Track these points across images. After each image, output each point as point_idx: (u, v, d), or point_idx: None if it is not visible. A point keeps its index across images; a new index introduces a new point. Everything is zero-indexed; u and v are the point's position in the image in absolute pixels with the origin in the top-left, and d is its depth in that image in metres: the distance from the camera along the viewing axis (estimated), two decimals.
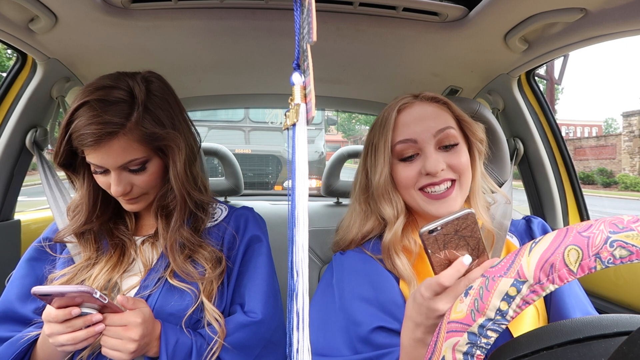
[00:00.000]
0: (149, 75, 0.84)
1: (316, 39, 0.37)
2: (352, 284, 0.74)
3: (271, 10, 1.00)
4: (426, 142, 0.76)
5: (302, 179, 0.38)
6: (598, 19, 0.89)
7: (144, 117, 0.77)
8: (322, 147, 6.68)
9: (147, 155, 0.80)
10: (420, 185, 0.76)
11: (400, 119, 0.78)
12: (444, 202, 0.74)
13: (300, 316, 0.37)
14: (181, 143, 0.83)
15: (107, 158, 0.76)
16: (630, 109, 18.21)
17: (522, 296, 0.43)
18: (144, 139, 0.77)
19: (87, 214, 0.86)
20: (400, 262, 0.75)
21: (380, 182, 0.78)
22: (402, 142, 0.77)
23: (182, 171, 0.82)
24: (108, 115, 0.74)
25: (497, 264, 0.47)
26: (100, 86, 0.77)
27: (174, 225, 0.84)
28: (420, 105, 0.79)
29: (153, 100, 0.80)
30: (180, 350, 0.76)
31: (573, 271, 0.43)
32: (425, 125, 0.76)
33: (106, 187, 0.81)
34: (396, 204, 0.78)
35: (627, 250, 0.42)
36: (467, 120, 0.81)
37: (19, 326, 0.81)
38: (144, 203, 0.85)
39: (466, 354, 0.44)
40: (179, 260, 0.82)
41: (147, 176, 0.81)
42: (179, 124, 0.84)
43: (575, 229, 0.44)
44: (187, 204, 0.85)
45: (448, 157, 0.76)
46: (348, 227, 0.86)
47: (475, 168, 0.82)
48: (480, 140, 0.82)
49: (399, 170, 0.78)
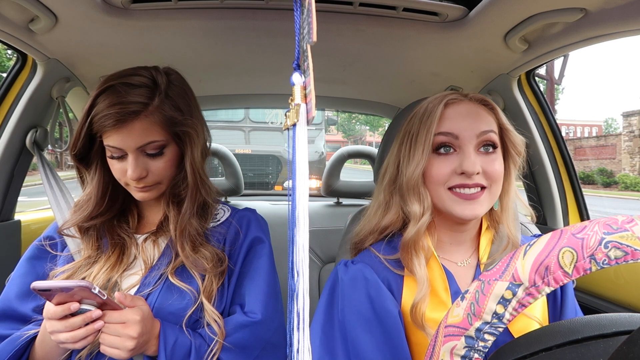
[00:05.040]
0: (168, 69, 0.88)
1: (316, 39, 0.37)
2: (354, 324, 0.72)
3: (271, 10, 1.00)
4: (467, 141, 0.74)
5: (302, 179, 0.38)
6: (598, 19, 0.89)
7: (165, 101, 0.81)
8: (322, 147, 6.68)
9: (166, 140, 0.82)
10: (451, 184, 0.73)
11: (446, 113, 0.76)
12: (470, 204, 0.72)
13: (300, 316, 0.37)
14: (199, 131, 0.86)
15: (128, 139, 0.78)
16: (630, 109, 18.20)
17: (518, 299, 0.44)
18: (164, 122, 0.81)
19: (94, 206, 0.86)
20: (417, 261, 0.73)
21: (414, 174, 0.75)
22: (443, 133, 0.75)
23: (198, 158, 0.85)
24: (131, 96, 0.77)
25: (492, 267, 0.47)
26: (123, 74, 0.81)
27: (185, 212, 0.85)
28: (469, 103, 0.78)
29: (173, 89, 0.84)
30: (179, 349, 0.76)
31: (568, 273, 0.43)
32: (470, 124, 0.74)
33: (121, 174, 0.82)
34: (424, 200, 0.75)
35: (621, 251, 0.42)
36: (510, 129, 0.79)
37: (18, 324, 0.81)
38: (155, 192, 0.86)
39: (464, 357, 0.44)
40: (187, 249, 0.83)
41: (164, 162, 0.83)
42: (196, 113, 0.88)
43: (569, 231, 0.44)
44: (198, 192, 0.86)
45: (484, 161, 0.74)
46: (368, 218, 0.84)
47: (510, 182, 0.79)
48: (518, 154, 0.79)
49: (434, 163, 0.75)
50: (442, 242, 0.79)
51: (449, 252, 0.79)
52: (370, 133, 36.23)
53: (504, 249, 0.78)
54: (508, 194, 0.80)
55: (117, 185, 0.86)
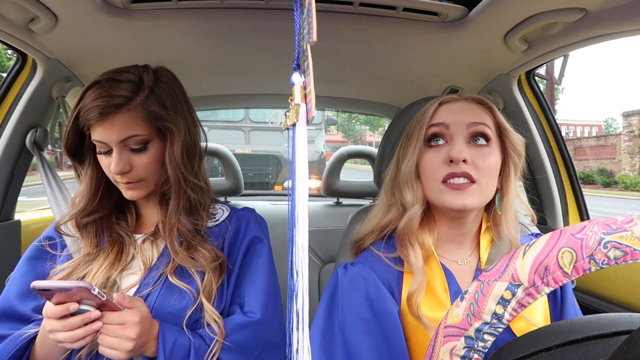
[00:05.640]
0: (158, 67, 0.89)
1: (316, 39, 0.37)
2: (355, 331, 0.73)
3: (271, 10, 1.00)
4: (457, 131, 0.75)
5: (302, 179, 0.38)
6: (598, 19, 0.89)
7: (150, 97, 0.82)
8: (322, 147, 6.68)
9: (149, 135, 0.82)
10: (442, 175, 0.74)
11: (440, 109, 0.78)
12: (459, 194, 0.72)
13: (300, 316, 0.37)
14: (181, 127, 0.85)
15: (110, 132, 0.79)
16: (630, 109, 18.19)
17: (518, 299, 0.44)
18: (147, 117, 0.81)
19: (87, 202, 0.87)
20: (413, 252, 0.74)
21: (407, 167, 0.77)
22: (434, 125, 0.76)
23: (178, 154, 0.84)
24: (115, 90, 0.79)
25: (491, 267, 0.47)
26: (113, 71, 0.83)
27: (171, 210, 0.85)
28: (464, 102, 0.79)
29: (159, 86, 0.84)
30: (178, 350, 0.76)
31: (567, 273, 0.43)
32: (461, 115, 0.76)
33: (108, 169, 0.83)
34: (416, 191, 0.77)
35: (621, 251, 0.42)
36: (509, 129, 0.79)
37: (18, 324, 0.81)
38: (143, 190, 0.86)
39: (464, 357, 0.45)
40: (176, 246, 0.83)
41: (147, 158, 0.83)
42: (181, 110, 0.87)
43: (568, 231, 0.44)
44: (182, 189, 0.86)
45: (475, 153, 0.74)
46: (370, 218, 0.85)
47: (509, 182, 0.79)
48: (518, 154, 0.79)
49: (426, 156, 0.77)
50: (442, 240, 0.79)
51: (448, 250, 0.79)
52: (370, 133, 36.22)
53: (505, 251, 0.78)
54: (508, 194, 0.80)
55: (111, 182, 0.87)
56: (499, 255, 0.78)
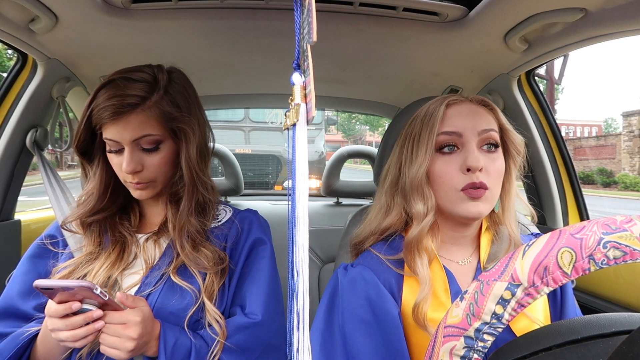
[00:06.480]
0: (171, 68, 0.89)
1: (316, 39, 0.37)
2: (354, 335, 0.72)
3: (271, 10, 1.00)
4: (470, 138, 0.74)
5: (302, 179, 0.39)
6: (598, 19, 0.89)
7: (164, 98, 0.82)
8: (322, 147, 6.68)
9: (162, 135, 0.83)
10: (461, 184, 0.73)
11: (448, 113, 0.77)
12: (475, 202, 0.72)
13: (300, 316, 0.37)
14: (196, 129, 0.86)
15: (124, 131, 0.79)
16: (630, 109, 18.20)
17: (517, 299, 0.44)
18: (161, 117, 0.81)
19: (97, 201, 0.87)
20: (420, 261, 0.73)
21: (417, 174, 0.76)
22: (446, 133, 0.75)
23: (193, 156, 0.85)
24: (129, 90, 0.79)
25: (491, 267, 0.47)
26: (126, 70, 0.83)
27: (183, 210, 0.85)
28: (469, 104, 0.79)
29: (173, 87, 0.85)
30: (179, 350, 0.76)
31: (567, 273, 0.43)
32: (472, 122, 0.75)
33: (119, 168, 0.83)
34: (428, 200, 0.76)
35: (620, 251, 0.42)
36: (510, 129, 0.80)
37: (20, 322, 0.81)
38: (151, 191, 0.86)
39: (463, 357, 0.45)
40: (187, 248, 0.83)
41: (159, 158, 0.83)
42: (195, 111, 0.88)
43: (568, 231, 0.44)
44: (196, 190, 0.86)
45: (487, 159, 0.74)
46: (369, 220, 0.85)
47: (510, 182, 0.80)
48: (518, 152, 0.80)
49: (439, 163, 0.75)
50: (444, 242, 0.79)
51: (449, 251, 0.79)
52: (370, 133, 36.23)
53: (506, 249, 0.78)
54: (509, 193, 0.80)
55: (119, 181, 0.87)
56: (500, 253, 0.78)
